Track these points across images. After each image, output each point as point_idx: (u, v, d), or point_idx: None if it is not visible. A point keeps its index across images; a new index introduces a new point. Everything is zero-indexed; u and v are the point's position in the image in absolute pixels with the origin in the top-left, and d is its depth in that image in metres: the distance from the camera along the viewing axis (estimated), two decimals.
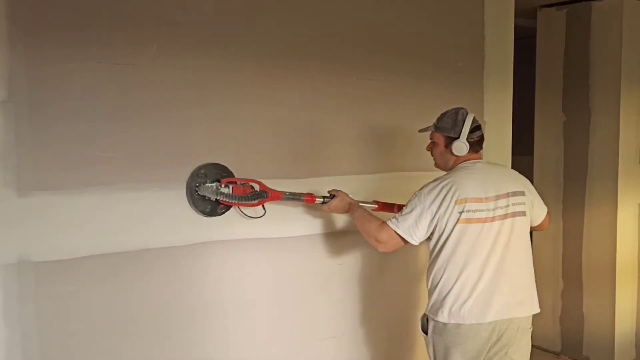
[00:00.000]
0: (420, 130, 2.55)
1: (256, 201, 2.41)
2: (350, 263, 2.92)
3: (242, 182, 2.44)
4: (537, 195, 2.48)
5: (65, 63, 2.11)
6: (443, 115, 2.44)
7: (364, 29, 2.89)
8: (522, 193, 2.36)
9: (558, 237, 4.23)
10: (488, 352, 2.30)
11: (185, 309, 2.44)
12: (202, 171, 2.41)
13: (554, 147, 4.22)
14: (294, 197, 2.56)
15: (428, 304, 2.37)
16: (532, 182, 2.94)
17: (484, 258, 2.25)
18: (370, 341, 3.03)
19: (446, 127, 2.39)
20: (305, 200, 2.59)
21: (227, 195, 2.37)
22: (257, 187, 2.47)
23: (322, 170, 2.79)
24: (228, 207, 2.49)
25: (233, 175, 2.49)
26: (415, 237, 2.31)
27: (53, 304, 2.14)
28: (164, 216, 2.36)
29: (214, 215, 2.47)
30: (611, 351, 3.99)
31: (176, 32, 2.34)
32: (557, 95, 4.19)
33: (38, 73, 2.07)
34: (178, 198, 2.39)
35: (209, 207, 2.45)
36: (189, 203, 2.41)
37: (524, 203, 2.35)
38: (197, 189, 2.40)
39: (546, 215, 2.55)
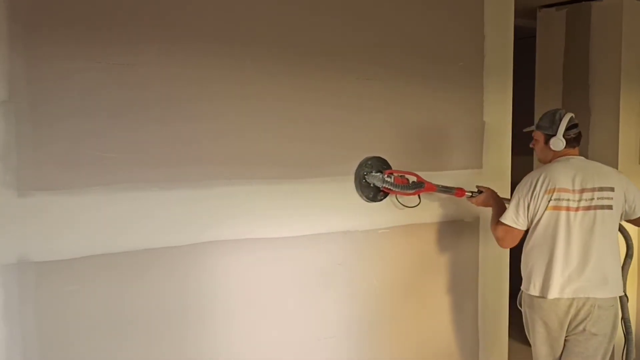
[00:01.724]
0: (525, 130, 2.93)
1: (413, 191, 2.82)
2: (350, 263, 2.92)
3: (401, 174, 2.84)
4: (637, 192, 2.71)
5: (66, 63, 2.11)
6: (543, 115, 2.81)
7: (365, 29, 2.89)
8: (611, 189, 2.63)
9: None
10: (569, 324, 2.66)
11: (185, 309, 2.44)
12: (369, 162, 2.85)
13: None
14: (445, 190, 2.96)
15: (523, 280, 2.77)
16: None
17: (567, 242, 2.61)
18: (370, 341, 3.03)
19: (545, 126, 2.76)
20: (456, 193, 2.97)
21: (390, 184, 2.77)
22: (414, 179, 2.85)
23: (326, 171, 2.79)
24: (386, 195, 2.90)
25: (391, 168, 2.90)
26: (520, 224, 2.69)
27: (53, 304, 2.14)
28: (164, 216, 2.36)
29: (375, 201, 2.89)
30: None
31: (176, 31, 2.34)
32: (557, 95, 4.19)
33: (38, 73, 2.07)
34: (177, 198, 2.39)
35: (372, 193, 2.87)
36: (356, 188, 2.83)
37: (611, 198, 2.63)
38: (364, 177, 2.82)
39: None
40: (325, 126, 2.79)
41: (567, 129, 2.68)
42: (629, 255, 2.97)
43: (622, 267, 2.91)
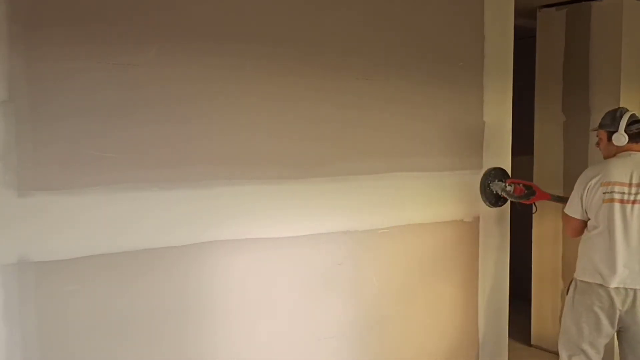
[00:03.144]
0: (592, 130, 3.09)
1: (529, 199, 3.24)
2: (350, 263, 2.92)
3: (521, 183, 3.29)
4: None
5: (66, 63, 2.12)
6: (605, 114, 2.93)
7: (365, 29, 2.89)
8: None
9: (558, 237, 4.22)
10: (621, 310, 2.76)
11: (185, 309, 2.44)
12: (492, 172, 3.33)
13: (554, 147, 4.22)
14: (559, 199, 3.29)
15: (577, 268, 2.91)
16: (532, 182, 3.00)
17: (625, 233, 2.73)
18: (370, 341, 3.03)
19: (607, 124, 2.89)
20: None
21: (508, 193, 3.28)
22: (530, 188, 3.25)
23: (327, 171, 2.79)
24: (505, 201, 3.35)
25: (510, 177, 3.36)
26: (579, 214, 2.88)
27: (53, 304, 2.14)
28: (164, 216, 2.36)
29: (496, 207, 3.36)
30: (611, 351, 3.98)
31: (176, 31, 2.34)
32: (557, 95, 4.18)
33: (38, 73, 2.07)
34: (177, 198, 2.39)
35: (494, 199, 3.33)
36: (481, 195, 3.30)
37: None
38: (489, 184, 3.28)
39: None
40: (325, 126, 2.79)
41: (629, 124, 2.79)
42: None
43: None
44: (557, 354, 2.82)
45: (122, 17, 2.22)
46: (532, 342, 4.46)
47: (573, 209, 2.90)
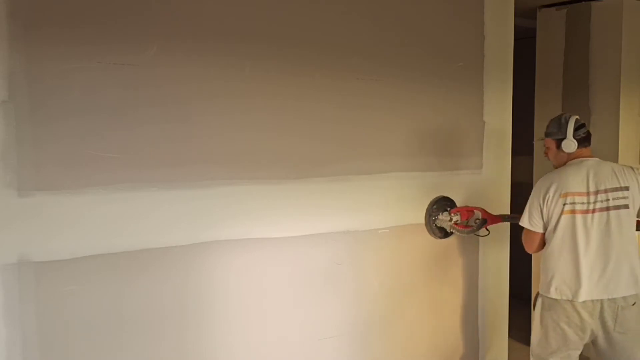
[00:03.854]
0: (537, 140, 3.05)
1: (480, 228, 3.06)
2: (349, 263, 2.92)
3: (467, 210, 3.08)
4: None
5: (66, 63, 2.12)
6: (549, 122, 2.83)
7: (364, 29, 2.89)
8: (626, 188, 2.65)
9: None
10: (591, 323, 2.66)
11: (184, 309, 2.44)
12: (434, 206, 3.11)
13: None
14: (511, 219, 3.11)
15: (540, 283, 2.79)
16: (532, 182, 2.98)
17: (587, 245, 2.63)
18: (370, 341, 3.03)
19: (554, 131, 2.78)
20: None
21: (456, 230, 3.08)
22: (478, 213, 3.06)
23: (327, 171, 2.79)
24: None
25: (455, 205, 3.15)
26: (537, 226, 2.75)
27: (53, 304, 2.14)
28: (163, 216, 2.36)
29: (447, 237, 3.18)
30: None
31: (176, 31, 2.34)
32: (557, 95, 4.18)
33: (38, 73, 2.07)
34: (177, 198, 2.39)
35: (443, 233, 3.16)
36: (429, 232, 3.13)
37: (627, 197, 2.64)
38: (434, 222, 3.10)
39: None
40: (325, 126, 2.79)
41: (575, 129, 2.73)
42: None
43: None
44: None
45: (122, 17, 2.22)
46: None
47: (533, 222, 2.76)
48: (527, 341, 4.43)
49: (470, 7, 3.33)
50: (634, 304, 2.66)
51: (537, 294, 2.83)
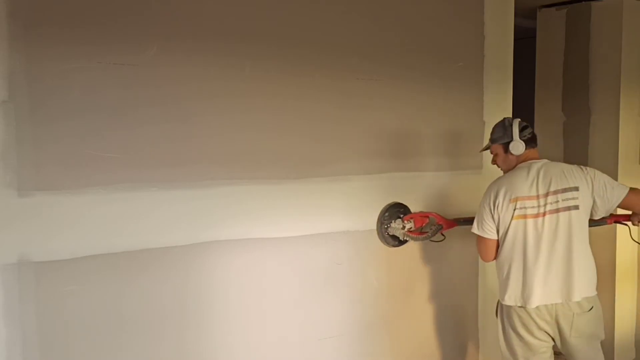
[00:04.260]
0: (482, 150, 2.94)
1: (435, 234, 2.92)
2: (349, 263, 2.92)
3: (421, 216, 2.95)
4: (608, 181, 2.63)
5: (66, 63, 2.12)
6: (493, 128, 2.77)
7: (364, 29, 2.89)
8: (576, 189, 2.57)
9: None
10: (554, 332, 2.61)
11: (184, 309, 2.44)
12: (386, 214, 2.95)
13: (554, 147, 4.21)
14: (466, 222, 2.95)
15: (499, 290, 2.73)
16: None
17: (538, 249, 2.57)
18: (370, 341, 3.03)
19: (499, 136, 2.72)
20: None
21: (410, 237, 2.92)
22: (433, 218, 2.94)
23: (326, 171, 2.79)
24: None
25: (409, 211, 3.00)
26: (490, 232, 2.67)
27: (53, 304, 2.14)
28: (163, 216, 2.36)
29: (401, 245, 3.01)
30: (611, 351, 3.98)
31: (176, 31, 2.34)
32: (557, 95, 4.18)
33: (38, 73, 2.07)
34: (177, 198, 2.39)
35: (397, 241, 3.00)
36: (381, 241, 2.97)
37: (577, 198, 2.57)
38: (387, 230, 2.94)
39: (628, 194, 2.63)
40: (325, 126, 2.79)
41: (521, 130, 2.66)
42: None
43: None
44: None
45: (122, 17, 2.22)
46: None
47: (486, 229, 2.67)
48: None
49: (470, 7, 3.33)
50: (591, 308, 2.59)
51: (498, 301, 2.78)
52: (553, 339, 2.65)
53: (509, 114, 3.55)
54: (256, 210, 2.59)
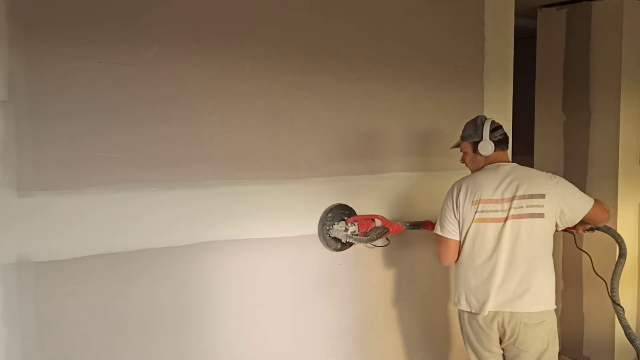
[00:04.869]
0: (452, 147, 2.78)
1: (380, 237, 2.73)
2: (349, 263, 2.92)
3: (366, 219, 2.77)
4: (575, 193, 2.52)
5: (66, 63, 2.12)
6: (465, 126, 2.67)
7: (364, 29, 2.89)
8: (542, 196, 2.45)
9: (558, 237, 4.22)
10: (502, 339, 2.53)
11: (184, 309, 2.44)
12: (329, 215, 2.77)
13: (554, 147, 4.22)
14: (415, 226, 2.86)
15: (455, 295, 2.65)
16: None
17: (498, 255, 2.46)
18: (370, 341, 3.03)
19: (470, 134, 2.62)
20: (425, 227, 2.85)
21: (354, 239, 2.73)
22: (378, 222, 2.76)
23: (326, 171, 2.79)
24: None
25: (353, 213, 2.83)
26: (452, 233, 2.57)
27: (53, 304, 2.14)
28: (163, 216, 2.36)
29: (343, 250, 2.84)
30: (611, 351, 3.99)
31: (176, 31, 2.34)
32: (557, 95, 4.18)
33: (38, 73, 2.07)
34: (177, 198, 2.39)
35: (339, 244, 2.82)
36: (322, 244, 2.79)
37: (542, 205, 2.44)
38: (328, 232, 2.76)
39: (594, 207, 2.52)
40: (325, 126, 2.79)
41: (492, 131, 2.56)
42: (621, 255, 2.84)
43: (615, 269, 2.83)
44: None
45: (122, 17, 2.22)
46: None
47: (448, 229, 2.56)
48: None
49: (470, 7, 3.33)
50: (542, 322, 2.47)
51: None
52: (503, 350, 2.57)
53: (509, 114, 3.55)
54: (256, 210, 2.59)
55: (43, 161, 2.10)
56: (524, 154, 4.30)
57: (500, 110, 3.48)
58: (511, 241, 2.45)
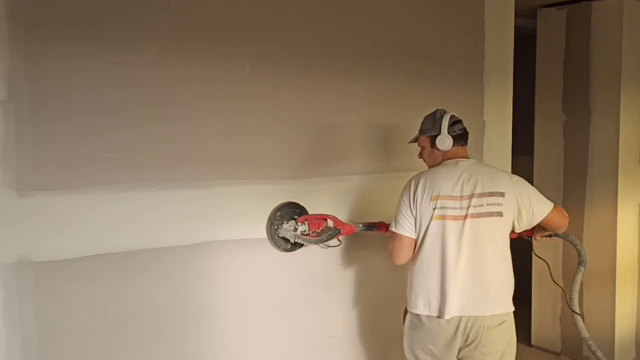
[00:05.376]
0: (410, 142, 2.63)
1: (332, 238, 2.60)
2: (349, 263, 2.92)
3: (317, 218, 2.64)
4: (534, 194, 2.42)
5: (66, 63, 2.12)
6: (424, 119, 2.54)
7: (365, 29, 2.89)
8: (501, 194, 2.34)
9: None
10: (460, 344, 2.36)
11: (184, 309, 2.44)
12: (278, 214, 2.63)
13: (554, 147, 4.22)
14: (368, 227, 2.73)
15: (408, 297, 2.45)
16: (532, 182, 2.86)
17: (455, 255, 2.32)
18: (370, 341, 3.03)
19: (428, 128, 2.49)
20: (379, 228, 2.73)
21: (303, 239, 2.60)
22: (330, 222, 2.64)
23: (326, 171, 2.79)
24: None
25: (304, 212, 2.69)
26: (406, 229, 2.39)
27: (53, 304, 2.14)
28: (163, 216, 2.36)
29: (294, 251, 2.70)
30: (611, 351, 3.98)
31: (176, 31, 2.34)
32: (557, 95, 4.18)
33: (38, 73, 2.07)
34: (177, 198, 2.39)
35: (289, 245, 2.68)
36: (271, 243, 2.65)
37: (501, 204, 2.34)
38: (276, 231, 2.63)
39: (552, 211, 2.44)
40: (325, 126, 2.79)
41: (451, 125, 2.44)
42: (580, 262, 2.76)
43: (575, 276, 2.76)
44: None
45: (122, 17, 2.22)
46: (532, 342, 4.45)
47: (404, 225, 2.39)
48: (527, 341, 4.45)
49: (470, 7, 3.33)
50: (502, 323, 2.36)
51: (405, 309, 2.52)
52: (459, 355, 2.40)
53: (509, 113, 3.55)
54: (257, 210, 2.59)
55: (43, 161, 2.09)
56: (524, 154, 4.31)
57: (500, 110, 3.48)
58: (471, 241, 2.32)
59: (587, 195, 4.05)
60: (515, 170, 3.65)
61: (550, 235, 2.66)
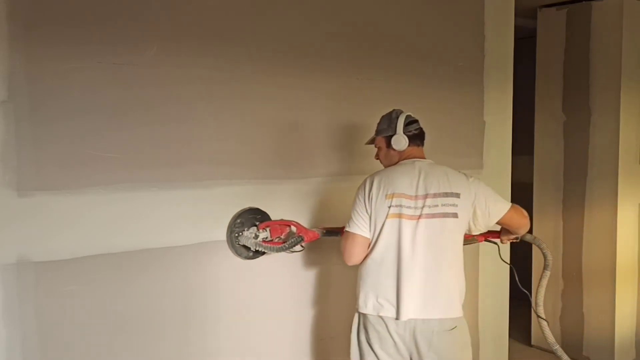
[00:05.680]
0: (367, 143, 2.56)
1: (295, 245, 2.49)
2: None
3: (279, 224, 2.56)
4: (490, 194, 2.38)
5: (66, 63, 2.11)
6: (380, 119, 2.47)
7: (364, 29, 2.89)
8: (457, 195, 2.30)
9: (558, 237, 4.22)
10: (411, 350, 2.30)
11: (184, 309, 2.44)
12: (238, 220, 2.54)
13: (554, 147, 4.22)
14: (332, 232, 2.62)
15: (358, 297, 2.38)
16: (532, 182, 2.83)
17: (410, 255, 2.26)
18: None
19: (383, 128, 2.43)
20: (342, 234, 2.57)
21: (263, 247, 2.51)
22: (293, 228, 2.55)
23: (314, 172, 2.79)
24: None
25: (266, 218, 2.60)
26: (361, 228, 2.32)
27: (53, 304, 2.14)
28: (163, 216, 2.36)
29: (256, 258, 2.61)
30: (611, 351, 3.99)
31: (176, 31, 2.34)
32: (557, 95, 4.19)
33: (38, 73, 2.07)
34: (177, 198, 2.39)
35: (251, 252, 2.58)
36: (231, 251, 2.55)
37: (456, 205, 2.29)
38: (237, 238, 2.54)
39: (510, 210, 2.38)
40: (325, 126, 2.79)
41: (406, 125, 2.38)
42: (546, 266, 2.71)
43: (540, 280, 2.72)
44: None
45: (122, 18, 2.22)
46: (532, 342, 4.46)
47: (358, 223, 2.32)
48: (527, 341, 4.45)
49: (470, 7, 3.33)
50: (454, 328, 2.30)
51: (356, 311, 2.43)
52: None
53: (509, 113, 3.55)
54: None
55: (43, 161, 2.09)
56: (524, 154, 4.32)
57: (500, 110, 3.49)
58: (425, 241, 2.26)
59: (587, 195, 4.05)
60: (515, 170, 3.67)
61: (517, 239, 2.63)
